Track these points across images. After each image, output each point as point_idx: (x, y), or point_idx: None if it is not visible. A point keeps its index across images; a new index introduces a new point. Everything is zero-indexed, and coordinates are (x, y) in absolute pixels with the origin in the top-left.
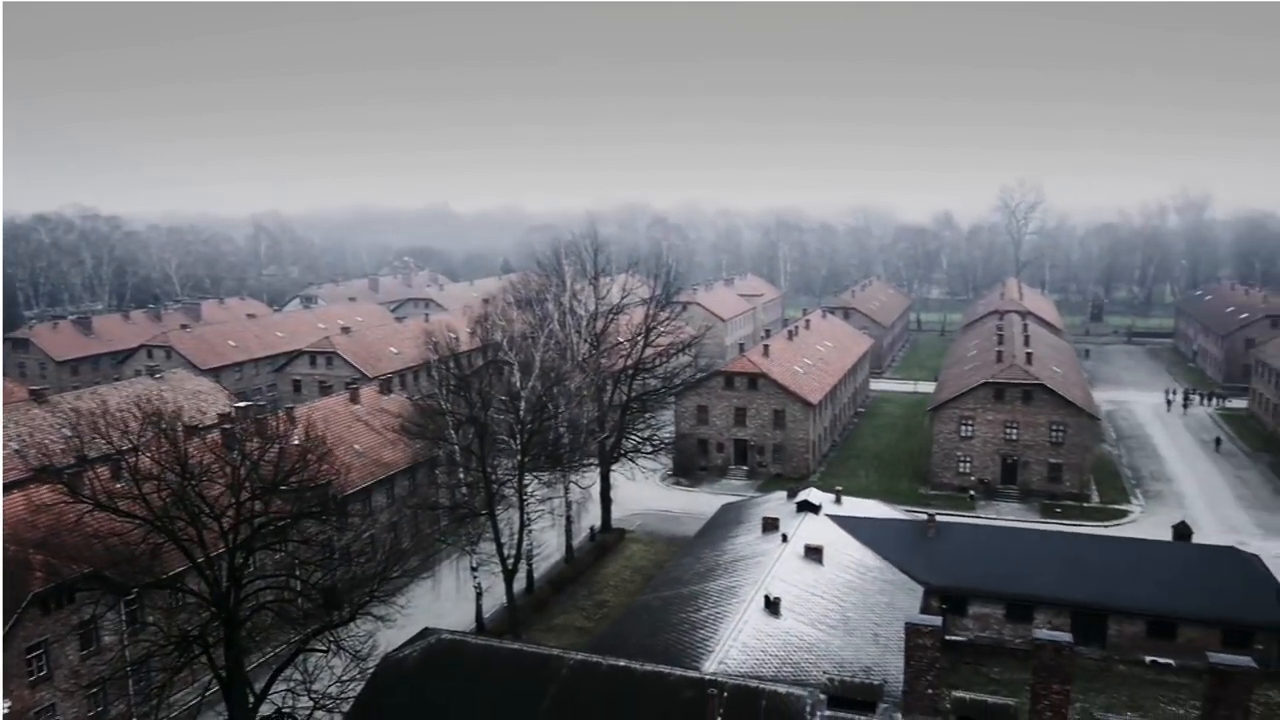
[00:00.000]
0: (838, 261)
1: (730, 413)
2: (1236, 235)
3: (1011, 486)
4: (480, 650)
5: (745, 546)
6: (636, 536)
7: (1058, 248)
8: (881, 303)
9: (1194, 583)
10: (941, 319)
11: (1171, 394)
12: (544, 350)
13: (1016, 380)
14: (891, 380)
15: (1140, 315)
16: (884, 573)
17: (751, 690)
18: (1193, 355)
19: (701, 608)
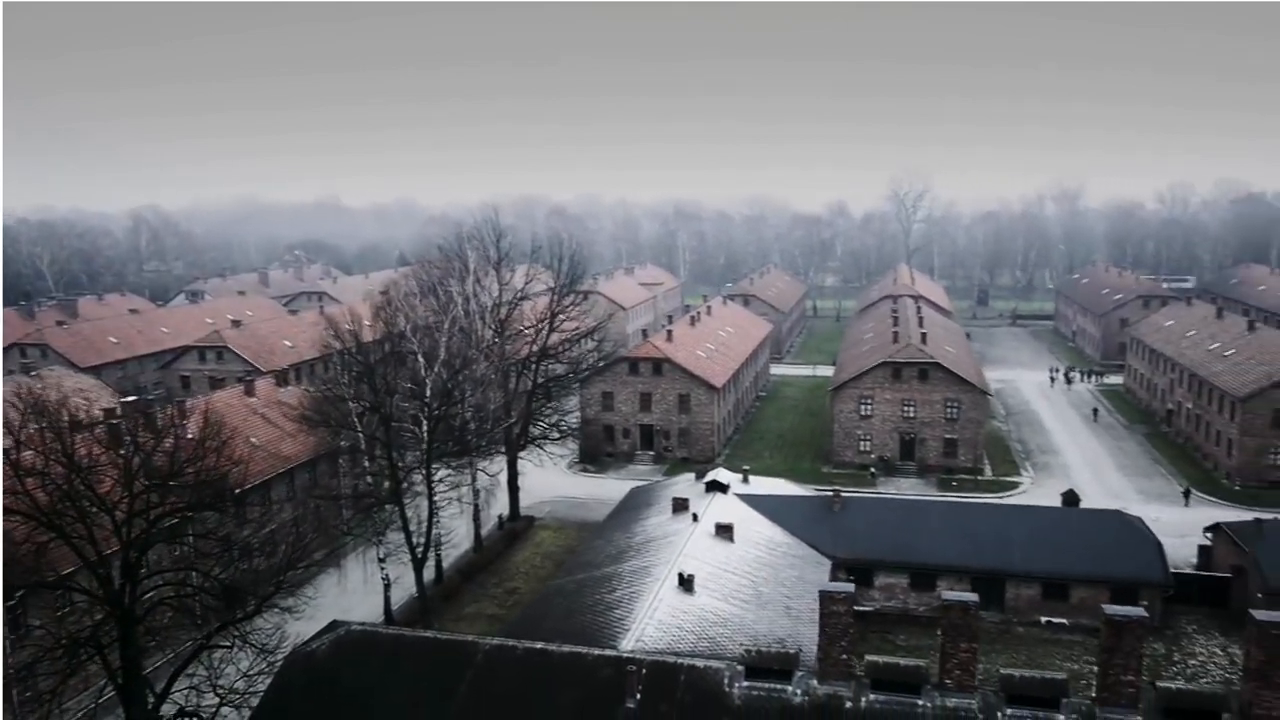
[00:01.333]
0: (735, 250)
1: (635, 398)
2: (1109, 223)
3: (910, 462)
4: (392, 640)
5: (656, 527)
6: (545, 523)
7: (945, 235)
8: (779, 290)
9: (1084, 546)
10: (837, 305)
11: (1055, 372)
12: (449, 337)
13: (913, 359)
14: (791, 365)
15: (1023, 299)
16: (792, 548)
17: (670, 665)
18: (1072, 335)
19: (616, 588)
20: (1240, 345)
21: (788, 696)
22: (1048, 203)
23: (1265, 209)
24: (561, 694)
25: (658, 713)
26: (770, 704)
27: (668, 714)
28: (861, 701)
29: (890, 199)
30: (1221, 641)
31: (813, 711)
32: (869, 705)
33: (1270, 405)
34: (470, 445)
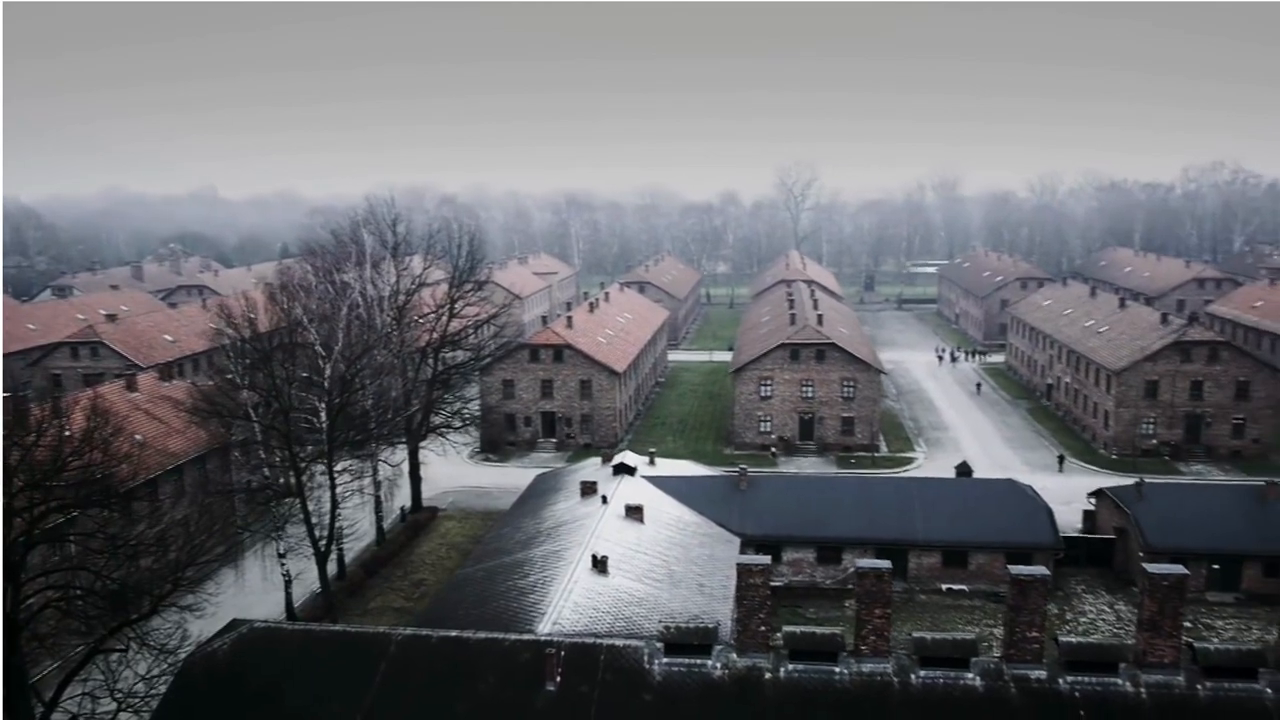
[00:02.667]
0: (628, 239)
1: (536, 385)
2: (985, 210)
3: (809, 442)
4: (298, 636)
5: (566, 511)
6: (449, 514)
7: (833, 223)
8: (674, 277)
9: (979, 514)
10: (730, 292)
11: (940, 352)
12: (346, 325)
13: (810, 341)
14: (688, 351)
15: (907, 284)
16: (702, 527)
17: (589, 646)
18: (955, 318)
19: (529, 573)
20: (1113, 322)
21: (708, 670)
22: (928, 192)
23: (1127, 196)
24: (480, 681)
25: (579, 694)
26: (691, 679)
27: (589, 694)
28: (780, 672)
29: (779, 188)
30: (1109, 599)
31: (733, 684)
32: (788, 675)
33: (1143, 378)
34: (371, 435)
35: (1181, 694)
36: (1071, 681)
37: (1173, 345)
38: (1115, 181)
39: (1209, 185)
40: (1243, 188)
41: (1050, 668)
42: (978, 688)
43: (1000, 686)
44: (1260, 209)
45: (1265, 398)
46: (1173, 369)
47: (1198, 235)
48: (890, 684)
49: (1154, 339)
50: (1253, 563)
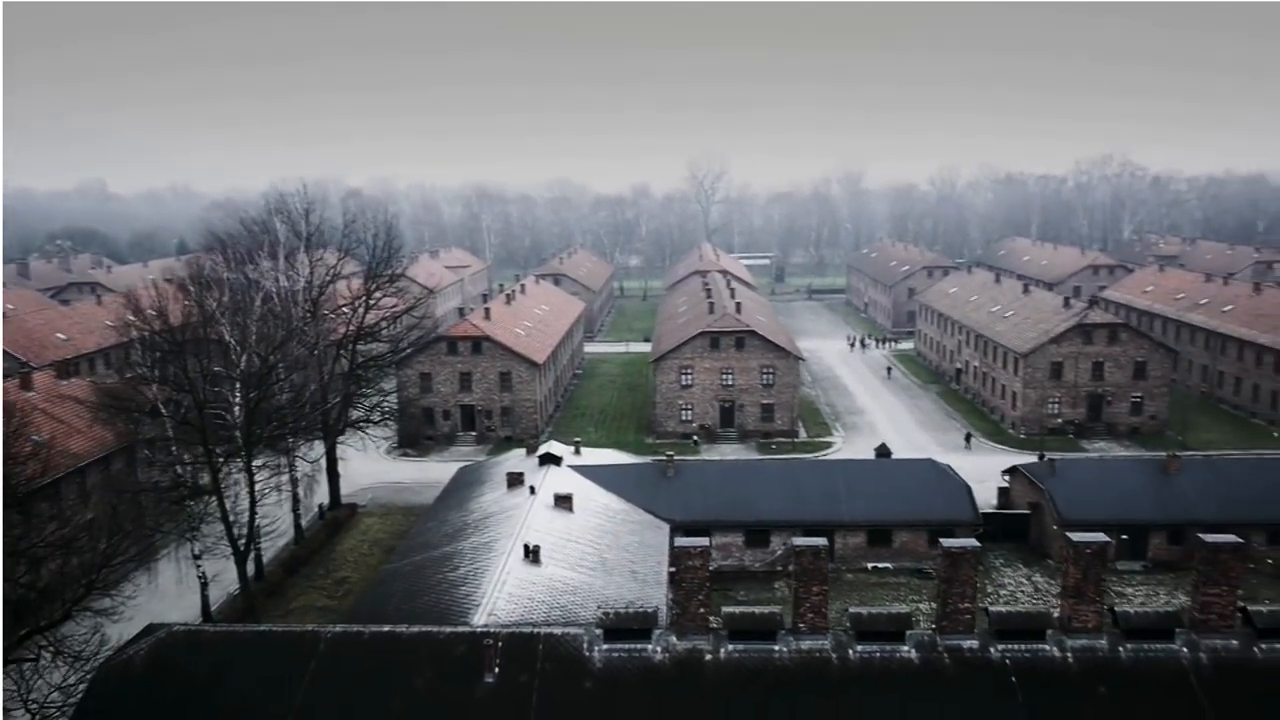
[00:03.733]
0: (540, 232)
1: (455, 378)
2: (890, 203)
3: (730, 429)
4: (220, 638)
5: (493, 503)
6: (370, 510)
7: (743, 215)
8: (588, 269)
9: (902, 493)
10: (643, 285)
11: (852, 340)
12: (260, 317)
13: (729, 329)
14: (604, 343)
15: (817, 275)
16: (631, 514)
17: (527, 635)
18: (865, 306)
19: (459, 566)
20: (1018, 307)
21: (649, 654)
22: (834, 185)
23: (1022, 189)
24: (416, 676)
25: (518, 684)
26: (631, 663)
27: (529, 684)
28: (721, 652)
29: (690, 181)
30: (1026, 572)
31: (674, 666)
32: (728, 655)
33: (1048, 359)
34: (288, 430)
35: (1105, 656)
36: (1002, 649)
37: (1075, 328)
38: (1011, 174)
39: (1099, 177)
40: (1130, 180)
41: (982, 637)
42: (914, 660)
43: (935, 658)
44: (1146, 200)
45: (1160, 376)
46: (1075, 350)
47: (1089, 225)
48: (829, 659)
49: (1057, 322)
50: (1158, 532)
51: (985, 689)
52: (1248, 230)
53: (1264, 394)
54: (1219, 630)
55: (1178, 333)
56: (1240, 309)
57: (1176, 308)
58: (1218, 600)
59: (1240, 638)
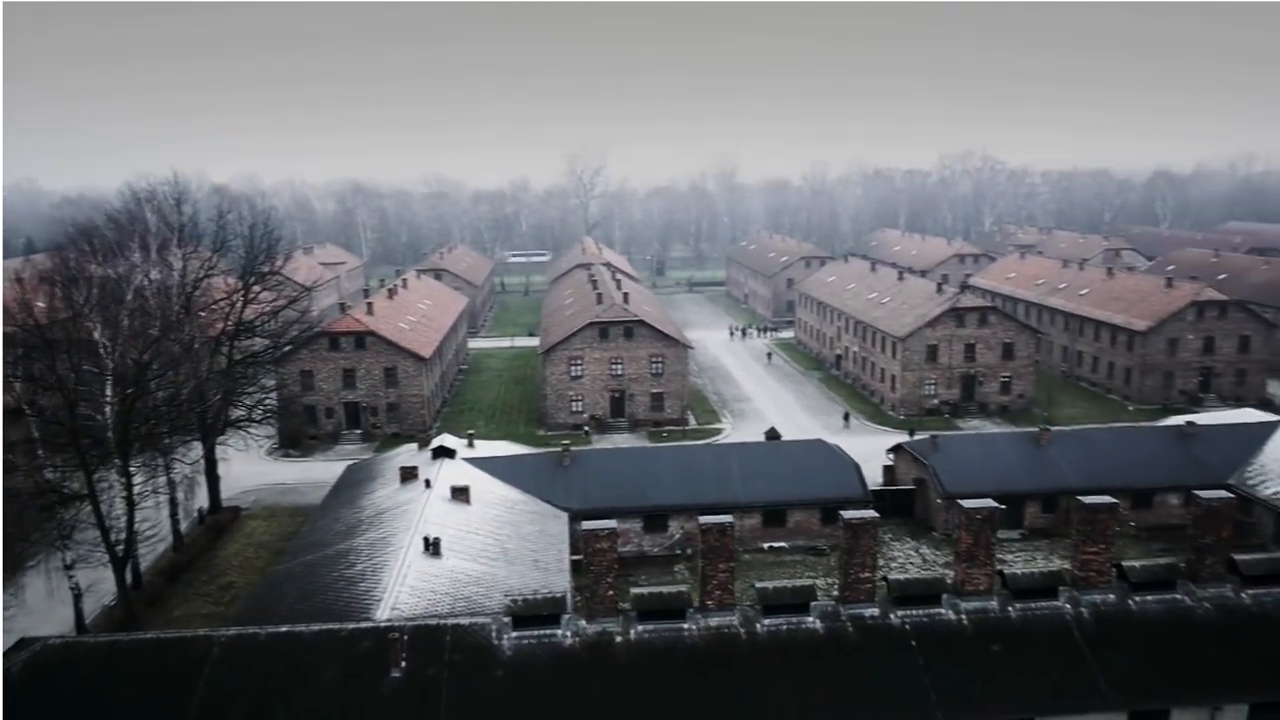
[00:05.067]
0: (418, 228)
1: (338, 375)
2: (765, 198)
3: (621, 419)
4: (102, 649)
5: (387, 498)
6: (254, 513)
7: (623, 210)
8: (469, 264)
9: (794, 474)
10: (525, 280)
11: (733, 330)
12: (131, 313)
13: (618, 319)
14: (488, 339)
15: (697, 268)
16: (529, 504)
17: (433, 628)
18: (745, 297)
19: (355, 562)
20: (894, 294)
21: (559, 640)
22: (710, 180)
23: (890, 183)
24: (320, 674)
25: (426, 677)
26: (542, 650)
27: (437, 677)
28: (631, 634)
29: (569, 175)
30: (913, 544)
31: (585, 650)
32: (639, 636)
33: (924, 343)
34: (165, 431)
35: (996, 617)
36: (902, 615)
37: (949, 311)
38: (879, 170)
39: (961, 172)
40: (990, 174)
41: (882, 604)
42: (819, 630)
43: (839, 627)
44: (1005, 193)
45: (1027, 357)
46: (949, 333)
47: (953, 217)
48: (737, 634)
49: (931, 307)
50: (1033, 501)
51: (887, 653)
52: (1096, 220)
53: (1118, 371)
54: (1097, 586)
55: (1039, 316)
56: (1095, 292)
57: (1038, 293)
58: (1096, 558)
59: (1116, 592)
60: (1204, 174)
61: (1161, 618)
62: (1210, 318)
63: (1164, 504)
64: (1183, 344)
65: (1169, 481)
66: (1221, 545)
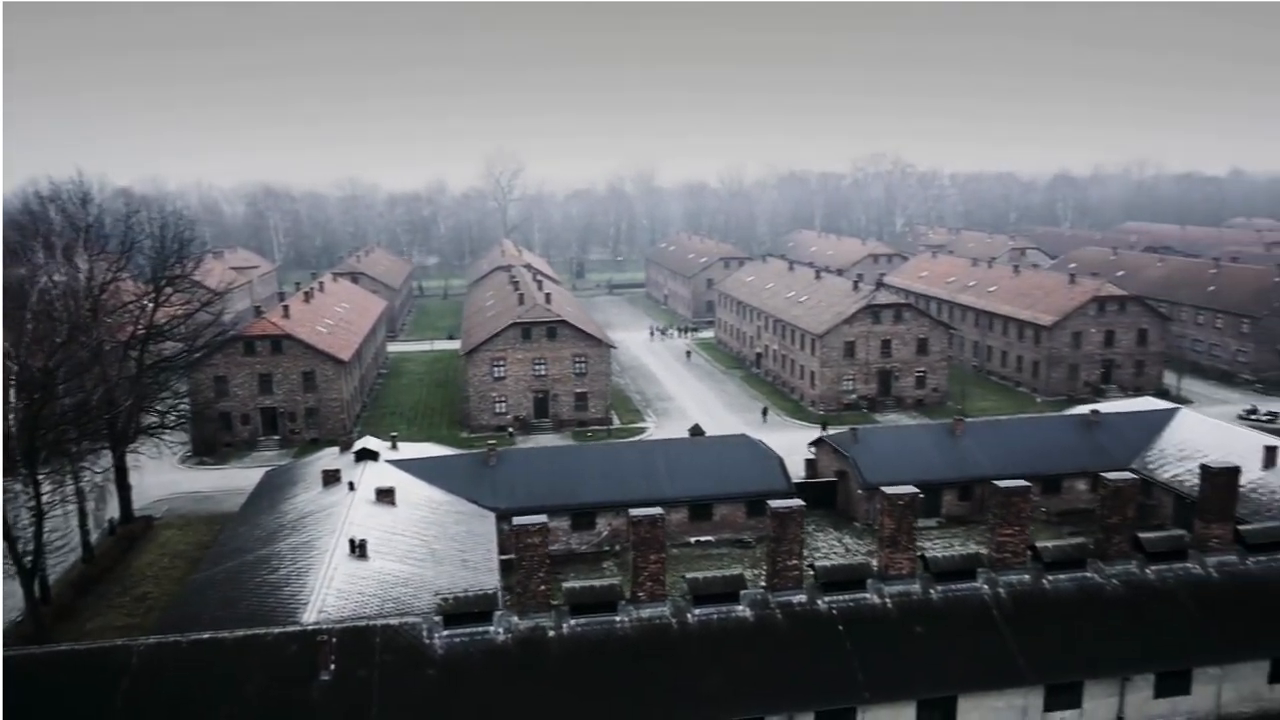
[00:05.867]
0: (332, 231)
1: (254, 380)
2: (682, 200)
3: (545, 419)
4: (12, 664)
5: (310, 502)
6: (168, 522)
7: (542, 212)
8: (386, 267)
9: (719, 469)
10: (444, 283)
11: (654, 331)
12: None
13: (541, 319)
14: (407, 342)
15: (616, 270)
16: (455, 505)
17: (363, 629)
18: (665, 298)
19: (279, 567)
20: (811, 292)
21: (491, 636)
22: (628, 183)
23: (805, 185)
24: (246, 681)
25: (357, 679)
26: (474, 647)
27: (368, 678)
28: (564, 628)
29: (486, 178)
30: (836, 535)
31: (518, 646)
32: (571, 630)
33: (842, 339)
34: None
35: (919, 599)
36: (829, 601)
37: (865, 308)
38: (794, 172)
39: (873, 174)
40: (901, 177)
41: (809, 591)
42: (749, 618)
43: (768, 614)
44: (915, 195)
45: (940, 352)
46: (866, 330)
47: (866, 218)
48: (669, 624)
49: (849, 305)
50: (949, 490)
51: (815, 638)
52: (1001, 221)
53: (1026, 364)
54: (1013, 567)
55: (951, 312)
56: (1003, 289)
57: (949, 290)
58: (1011, 539)
59: (1031, 572)
60: (1101, 177)
61: (1073, 595)
62: (1110, 312)
63: (1072, 489)
64: (1086, 337)
65: (1076, 467)
66: (1127, 524)
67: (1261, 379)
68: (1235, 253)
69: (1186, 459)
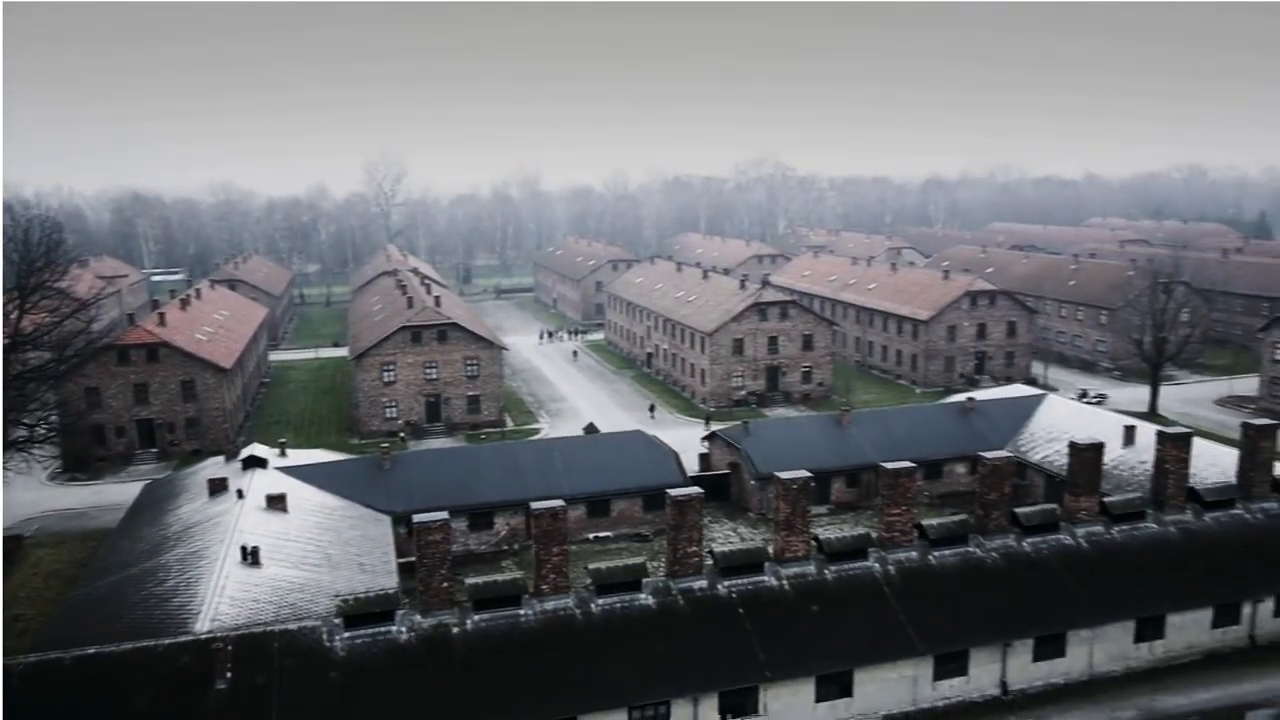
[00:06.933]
0: (206, 239)
1: (129, 391)
2: (568, 204)
3: (437, 423)
4: None
5: (196, 512)
6: (39, 540)
7: (427, 217)
8: (266, 274)
9: (615, 465)
10: (326, 290)
11: (543, 334)
12: None
13: (431, 322)
14: (290, 350)
15: (504, 275)
16: (349, 510)
17: (260, 635)
18: (554, 302)
19: (165, 579)
20: (700, 292)
21: (393, 636)
22: (513, 187)
23: (689, 190)
24: (136, 695)
25: (255, 686)
26: (376, 647)
27: (267, 685)
28: (468, 624)
29: (368, 183)
30: (731, 525)
31: (421, 644)
32: (475, 626)
33: (731, 337)
34: None
35: (814, 579)
36: (728, 585)
37: (752, 306)
38: (679, 176)
39: (755, 178)
40: (782, 180)
41: (709, 576)
42: (651, 605)
43: (670, 600)
44: (796, 198)
45: (824, 348)
46: (754, 327)
47: (749, 220)
48: (573, 616)
49: (736, 303)
50: (838, 477)
51: (716, 622)
52: (878, 222)
53: (905, 358)
54: (902, 545)
55: (834, 309)
56: (882, 287)
57: (831, 288)
58: (899, 519)
59: (918, 549)
60: (969, 181)
61: (958, 568)
62: (982, 306)
63: (952, 473)
64: (960, 331)
65: (955, 452)
66: (1004, 501)
67: (1119, 366)
68: (1093, 250)
69: (1055, 440)
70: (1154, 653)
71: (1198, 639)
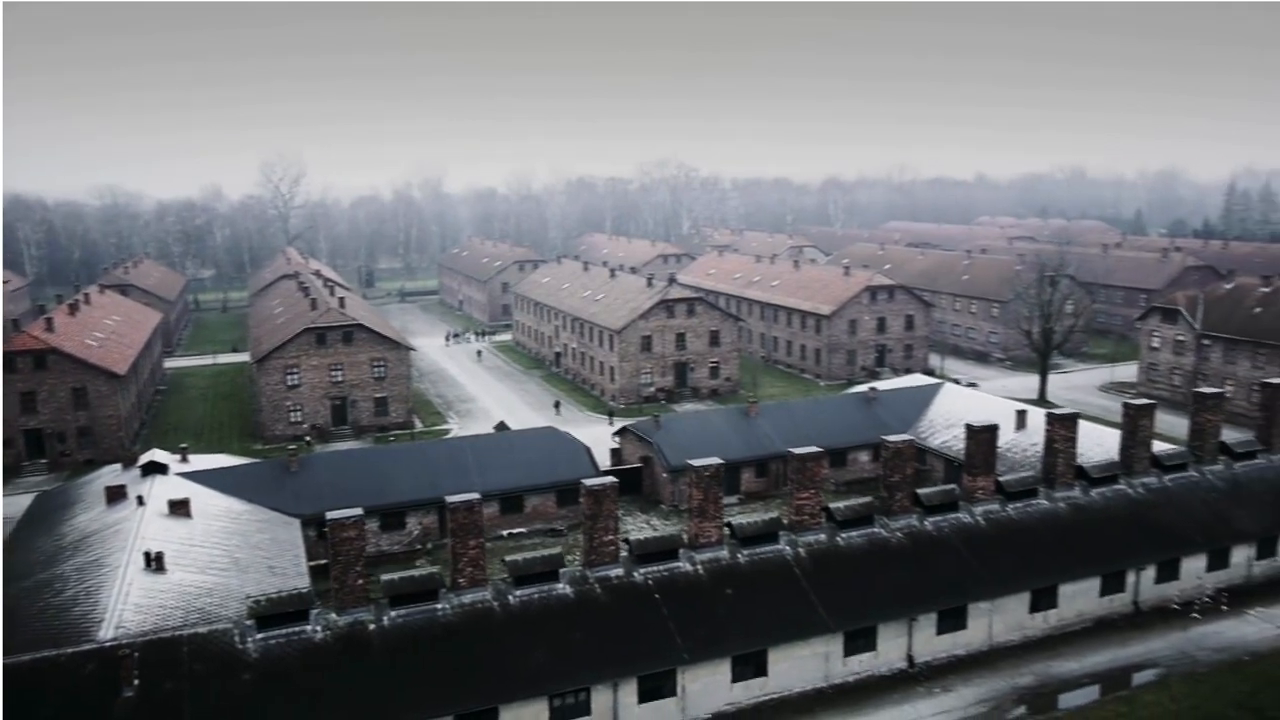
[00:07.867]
0: (92, 243)
1: (15, 400)
2: (471, 206)
3: (344, 426)
4: None
5: (93, 521)
6: None
7: (327, 220)
8: (158, 279)
9: (528, 461)
10: (222, 296)
11: (450, 336)
12: None
13: (336, 323)
14: (185, 357)
15: (408, 278)
16: (256, 514)
17: (169, 640)
18: (460, 304)
19: (63, 590)
20: (607, 290)
21: (309, 635)
22: (415, 189)
23: (593, 190)
24: (38, 706)
25: (165, 692)
26: (291, 648)
27: (177, 690)
28: (385, 620)
29: (265, 185)
30: (645, 517)
31: (337, 642)
32: (392, 622)
33: (639, 334)
34: None
35: (728, 564)
36: (644, 572)
37: (659, 304)
38: (582, 178)
39: (659, 179)
40: (686, 180)
41: (625, 564)
42: (569, 594)
43: (587, 589)
44: (700, 198)
45: (731, 344)
46: (661, 324)
47: (654, 221)
48: (491, 608)
49: (644, 300)
50: (748, 467)
51: (633, 608)
52: (779, 222)
53: (809, 352)
54: (811, 528)
55: (739, 306)
56: (785, 284)
57: (736, 286)
58: (808, 502)
59: (826, 531)
60: (866, 182)
61: (865, 549)
62: (881, 301)
63: (856, 461)
64: (861, 325)
65: (859, 440)
66: (906, 483)
67: (1010, 356)
68: (984, 246)
69: (953, 426)
70: (1048, 621)
71: (1087, 607)
